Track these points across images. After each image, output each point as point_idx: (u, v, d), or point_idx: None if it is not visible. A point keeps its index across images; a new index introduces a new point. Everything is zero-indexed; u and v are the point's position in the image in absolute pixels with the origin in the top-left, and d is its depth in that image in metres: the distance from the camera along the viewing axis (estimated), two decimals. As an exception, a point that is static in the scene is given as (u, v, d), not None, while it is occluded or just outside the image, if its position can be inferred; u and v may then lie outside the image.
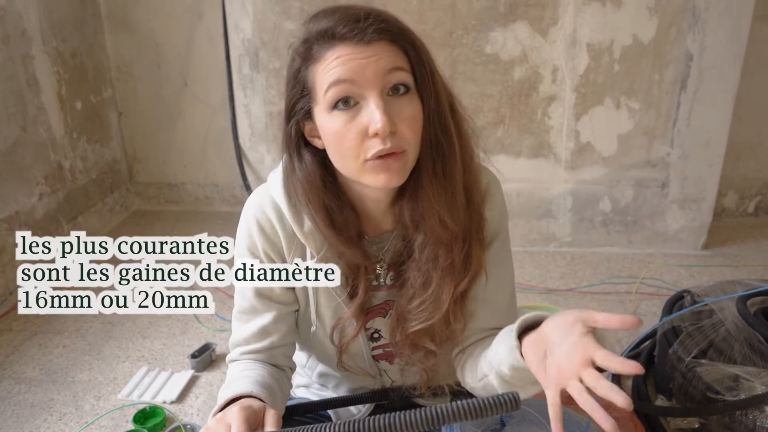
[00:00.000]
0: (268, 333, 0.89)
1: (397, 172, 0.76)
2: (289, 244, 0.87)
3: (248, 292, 0.89)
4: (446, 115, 0.80)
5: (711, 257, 2.28)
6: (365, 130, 0.73)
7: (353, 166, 0.76)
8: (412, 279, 0.86)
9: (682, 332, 1.39)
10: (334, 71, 0.73)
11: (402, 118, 0.74)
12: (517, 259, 2.29)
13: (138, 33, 2.55)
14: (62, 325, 1.91)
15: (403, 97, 0.75)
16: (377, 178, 0.76)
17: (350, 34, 0.72)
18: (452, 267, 0.83)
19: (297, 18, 2.22)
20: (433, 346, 0.88)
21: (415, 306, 0.85)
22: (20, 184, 2.10)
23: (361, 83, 0.73)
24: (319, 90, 0.75)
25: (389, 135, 0.73)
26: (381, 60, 0.73)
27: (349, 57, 0.72)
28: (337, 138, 0.75)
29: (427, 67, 0.77)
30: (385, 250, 0.90)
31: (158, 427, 1.46)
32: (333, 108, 0.74)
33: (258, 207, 0.87)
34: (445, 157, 0.80)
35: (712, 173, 2.21)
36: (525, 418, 0.93)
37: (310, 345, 0.98)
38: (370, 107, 0.73)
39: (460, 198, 0.82)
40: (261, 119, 2.49)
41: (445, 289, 0.83)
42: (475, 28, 2.15)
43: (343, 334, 0.90)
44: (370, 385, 1.02)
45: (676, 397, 1.36)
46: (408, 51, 0.76)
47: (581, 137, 2.25)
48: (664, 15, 2.06)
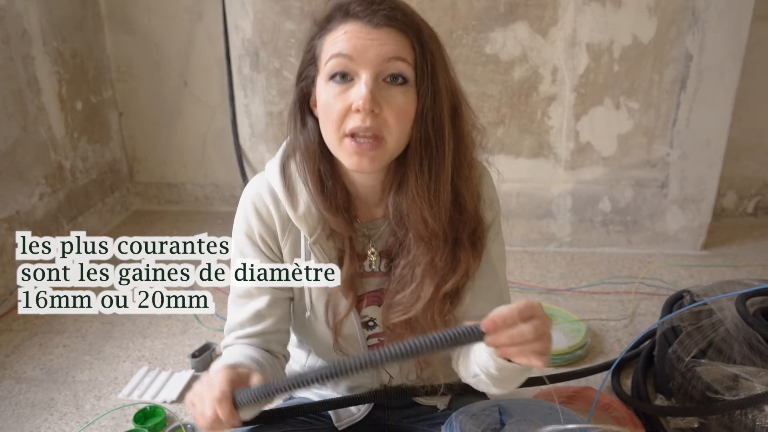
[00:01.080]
0: (262, 317, 0.91)
1: (371, 159, 0.78)
2: (283, 228, 0.89)
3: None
4: (442, 114, 0.80)
5: (710, 257, 2.28)
6: (350, 105, 0.76)
7: (332, 138, 0.79)
8: (399, 273, 0.87)
9: (682, 332, 1.39)
10: (338, 44, 0.76)
11: (391, 105, 0.76)
12: (517, 259, 2.29)
13: (138, 33, 2.55)
14: (62, 325, 1.91)
15: (398, 87, 0.77)
16: (350, 159, 0.78)
17: (362, 13, 0.76)
18: (433, 265, 0.84)
19: (297, 18, 2.22)
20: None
21: (398, 300, 0.87)
22: (20, 184, 2.10)
23: (359, 61, 0.75)
24: (323, 59, 0.78)
25: (370, 114, 0.75)
26: (384, 46, 0.75)
27: (356, 34, 0.76)
28: (326, 108, 0.78)
29: (429, 64, 0.79)
30: (377, 237, 0.91)
31: (159, 426, 1.46)
32: (330, 78, 0.77)
33: (255, 192, 0.90)
34: (434, 156, 0.81)
35: (712, 173, 2.22)
36: (525, 418, 0.93)
37: (306, 333, 0.99)
38: (360, 83, 0.75)
39: (445, 198, 0.83)
40: (261, 119, 2.49)
41: (425, 287, 0.85)
42: (475, 28, 2.15)
43: (336, 312, 0.91)
44: (368, 381, 1.02)
45: (676, 396, 1.36)
46: (415, 44, 0.78)
47: (581, 137, 2.25)
48: (663, 15, 2.06)
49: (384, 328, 0.93)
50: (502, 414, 0.95)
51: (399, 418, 1.05)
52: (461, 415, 0.94)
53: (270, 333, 0.92)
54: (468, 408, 0.96)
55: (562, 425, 0.85)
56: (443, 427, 0.93)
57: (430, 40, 0.79)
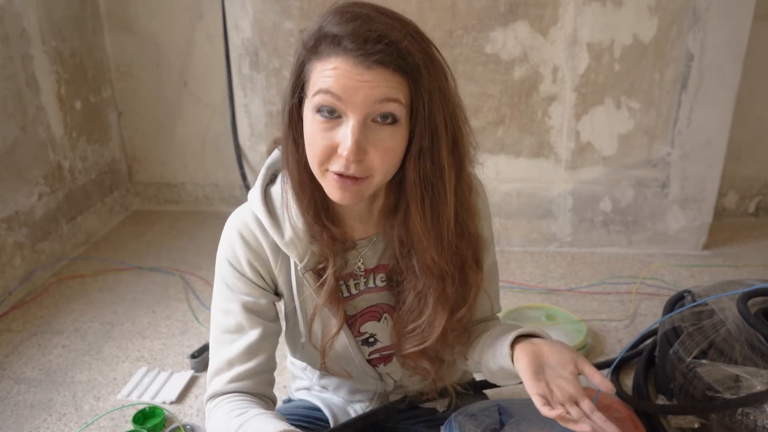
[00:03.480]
0: (254, 353, 0.87)
1: (353, 194, 0.76)
2: (275, 255, 0.87)
3: (235, 307, 0.87)
4: (441, 153, 0.77)
5: (711, 257, 2.28)
6: (336, 146, 0.73)
7: (316, 170, 0.77)
8: (410, 302, 0.86)
9: (683, 332, 1.38)
10: (327, 80, 0.72)
11: (377, 147, 0.73)
12: (517, 259, 2.29)
13: (137, 33, 2.54)
14: (61, 325, 1.90)
15: (387, 127, 0.73)
16: (333, 192, 0.77)
17: (355, 52, 0.70)
18: (444, 295, 0.84)
19: (297, 18, 2.22)
20: (430, 365, 0.90)
21: (411, 329, 0.86)
22: (19, 184, 2.10)
23: (347, 103, 0.71)
24: (312, 88, 0.74)
25: (355, 161, 0.73)
26: (375, 89, 0.71)
27: (346, 73, 0.70)
28: (310, 139, 0.76)
29: (426, 104, 0.74)
30: (368, 252, 0.90)
31: (158, 427, 1.45)
32: (317, 111, 0.74)
33: (240, 221, 0.88)
34: (435, 195, 0.79)
35: (713, 173, 2.21)
36: (524, 417, 0.93)
37: (302, 356, 0.99)
38: (347, 128, 0.72)
39: (449, 237, 0.82)
40: (261, 119, 2.49)
41: (438, 316, 0.84)
42: (475, 27, 2.15)
43: (325, 332, 0.90)
44: (371, 386, 1.01)
45: (677, 397, 1.36)
46: (411, 84, 0.73)
47: (581, 137, 2.24)
48: (664, 14, 2.06)
49: (398, 357, 0.92)
50: (501, 414, 0.95)
51: (398, 419, 1.05)
52: (461, 415, 0.93)
53: (263, 372, 0.89)
54: (467, 408, 0.96)
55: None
56: (443, 427, 0.93)
57: (429, 78, 0.74)
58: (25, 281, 2.11)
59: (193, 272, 2.21)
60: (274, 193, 0.88)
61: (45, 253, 2.22)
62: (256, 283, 0.88)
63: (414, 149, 0.76)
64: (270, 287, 0.90)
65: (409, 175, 0.78)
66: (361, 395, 1.04)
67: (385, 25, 0.71)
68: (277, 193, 0.87)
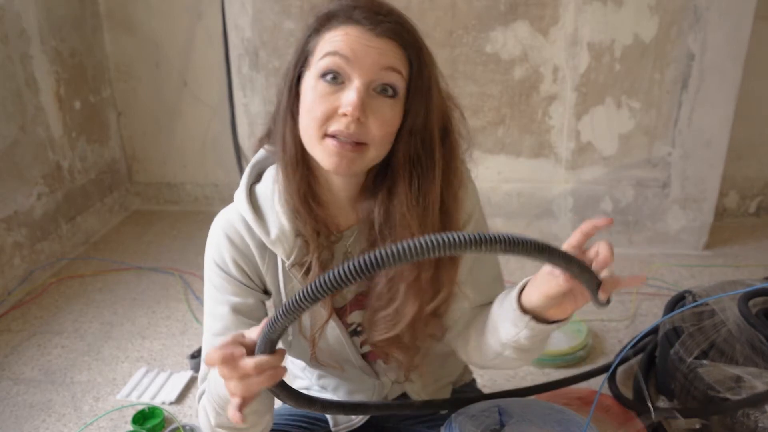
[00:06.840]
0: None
1: (350, 162, 0.76)
2: (262, 254, 0.87)
3: (222, 309, 0.88)
4: (433, 135, 0.80)
5: (712, 257, 2.27)
6: (337, 108, 0.74)
7: (312, 135, 0.77)
8: (380, 288, 0.85)
9: (684, 333, 1.38)
10: (336, 42, 0.75)
11: (376, 115, 0.75)
12: (518, 259, 2.29)
13: (137, 32, 2.54)
14: (61, 325, 1.90)
15: (387, 100, 0.76)
16: (329, 159, 0.76)
17: (365, 21, 0.75)
18: (418, 284, 0.83)
19: (296, 17, 2.21)
20: (401, 354, 0.89)
21: (380, 317, 0.86)
22: (19, 184, 2.09)
23: (354, 65, 0.74)
24: (317, 55, 0.76)
25: (355, 121, 0.74)
26: (383, 56, 0.74)
27: (356, 38, 0.74)
28: (312, 105, 0.76)
29: (425, 84, 0.78)
30: (350, 244, 0.89)
31: (157, 428, 1.45)
32: (321, 76, 0.75)
33: (226, 222, 0.88)
34: (423, 175, 0.80)
35: (714, 173, 2.21)
36: (524, 418, 0.92)
37: (292, 353, 0.98)
38: (351, 89, 0.74)
39: (433, 218, 0.82)
40: (260, 119, 2.48)
41: (409, 306, 0.83)
42: (476, 27, 2.15)
43: (314, 323, 0.90)
44: (369, 386, 1.01)
45: (678, 398, 1.35)
46: (412, 62, 0.77)
47: (582, 137, 2.24)
48: (665, 14, 2.05)
49: (369, 344, 0.91)
50: (501, 414, 0.95)
51: (397, 420, 1.05)
52: (461, 416, 0.93)
53: None
54: (467, 409, 0.95)
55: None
56: (443, 428, 0.93)
57: (428, 60, 0.79)
58: (25, 281, 2.10)
59: (192, 272, 2.21)
60: (259, 192, 0.88)
61: (44, 253, 2.22)
62: (243, 283, 0.88)
63: (407, 127, 0.78)
64: (258, 286, 0.90)
65: (400, 151, 0.79)
66: (360, 395, 1.03)
67: (392, 8, 0.78)
68: (263, 192, 0.87)
